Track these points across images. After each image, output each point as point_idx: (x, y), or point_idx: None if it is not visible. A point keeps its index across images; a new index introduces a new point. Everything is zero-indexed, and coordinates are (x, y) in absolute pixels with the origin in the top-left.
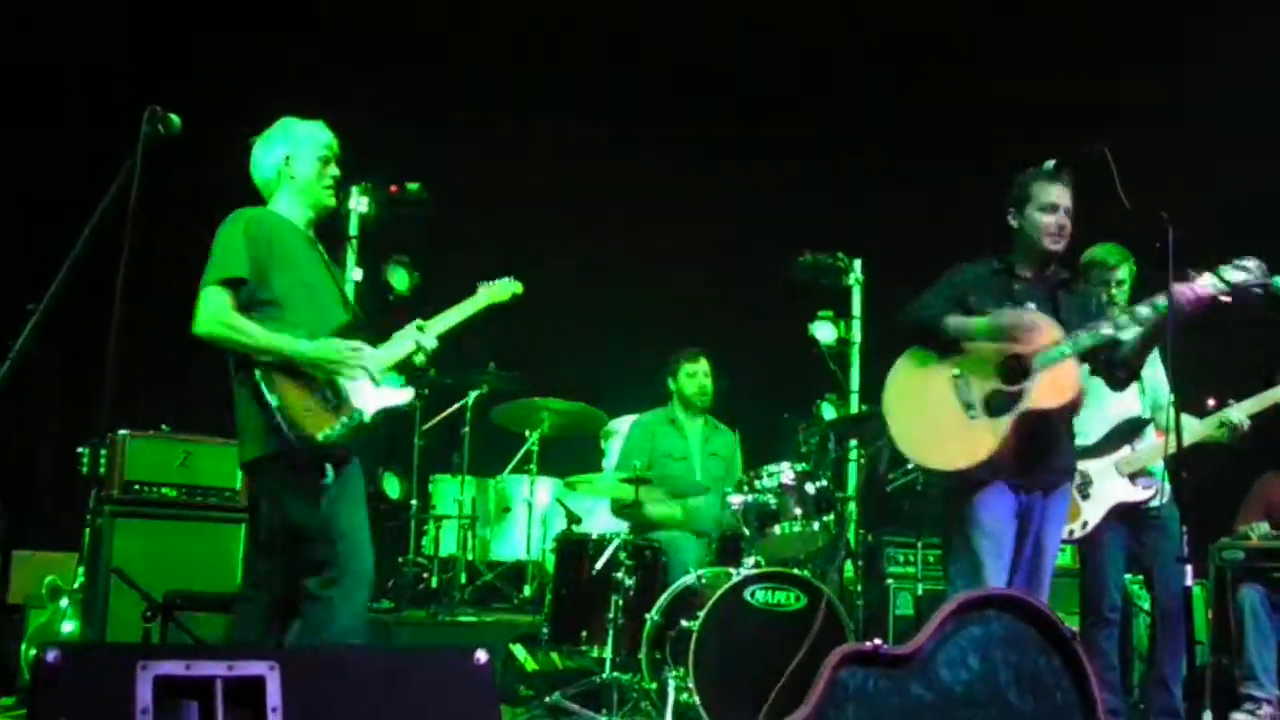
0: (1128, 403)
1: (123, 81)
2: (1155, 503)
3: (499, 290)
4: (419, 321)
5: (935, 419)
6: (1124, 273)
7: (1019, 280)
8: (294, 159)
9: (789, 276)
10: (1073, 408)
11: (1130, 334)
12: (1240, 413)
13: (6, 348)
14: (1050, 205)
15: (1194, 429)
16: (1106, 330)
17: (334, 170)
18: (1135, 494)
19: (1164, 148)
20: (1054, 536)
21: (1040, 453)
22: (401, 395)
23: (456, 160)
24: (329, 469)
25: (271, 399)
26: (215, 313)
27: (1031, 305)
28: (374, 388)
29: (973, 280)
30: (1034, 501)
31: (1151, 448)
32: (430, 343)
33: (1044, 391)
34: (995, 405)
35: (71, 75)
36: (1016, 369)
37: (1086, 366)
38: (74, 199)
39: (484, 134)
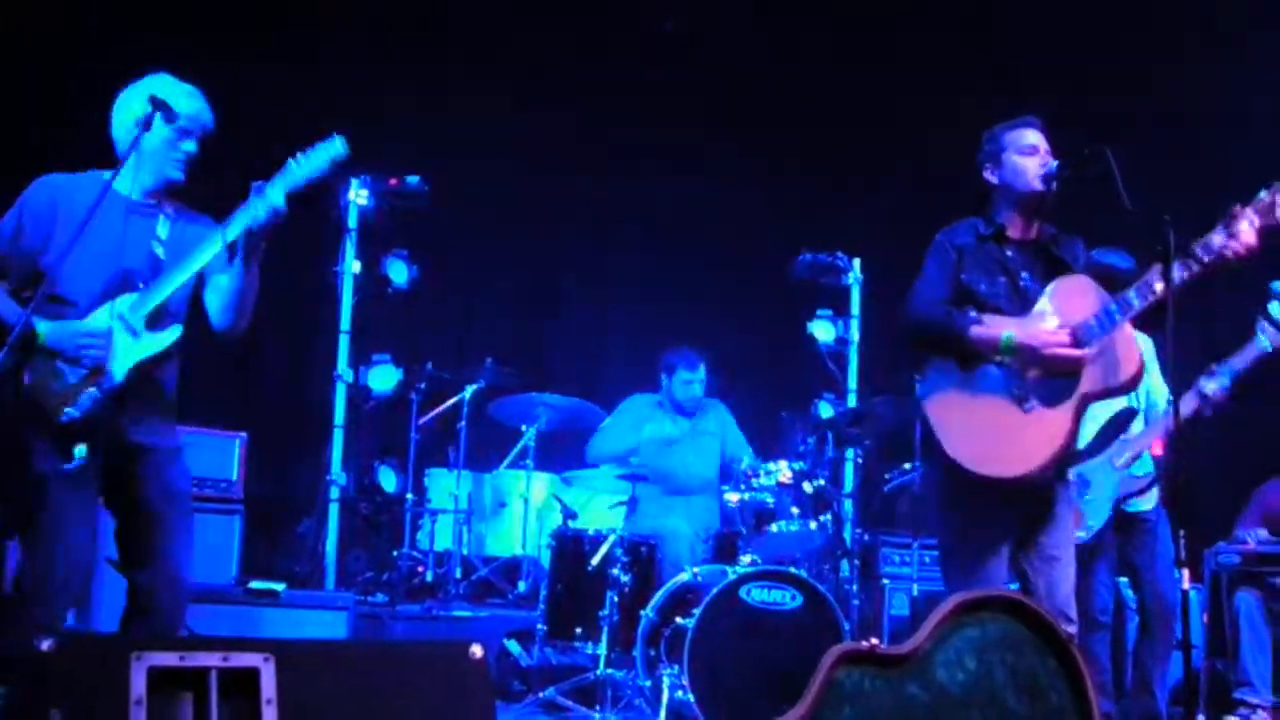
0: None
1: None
2: (1147, 506)
3: (312, 162)
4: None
5: (987, 419)
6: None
7: (1009, 244)
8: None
9: (788, 275)
10: (1137, 379)
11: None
12: (1214, 382)
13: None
14: (1030, 147)
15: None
16: (1144, 296)
17: (189, 145)
18: (1132, 485)
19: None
20: (1064, 540)
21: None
22: (162, 339)
23: (456, 154)
24: (79, 449)
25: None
26: None
27: (1025, 275)
28: (133, 340)
29: (964, 253)
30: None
31: (1143, 433)
32: (273, 209)
33: (1102, 368)
34: (1049, 392)
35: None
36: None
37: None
38: None
39: (484, 128)
